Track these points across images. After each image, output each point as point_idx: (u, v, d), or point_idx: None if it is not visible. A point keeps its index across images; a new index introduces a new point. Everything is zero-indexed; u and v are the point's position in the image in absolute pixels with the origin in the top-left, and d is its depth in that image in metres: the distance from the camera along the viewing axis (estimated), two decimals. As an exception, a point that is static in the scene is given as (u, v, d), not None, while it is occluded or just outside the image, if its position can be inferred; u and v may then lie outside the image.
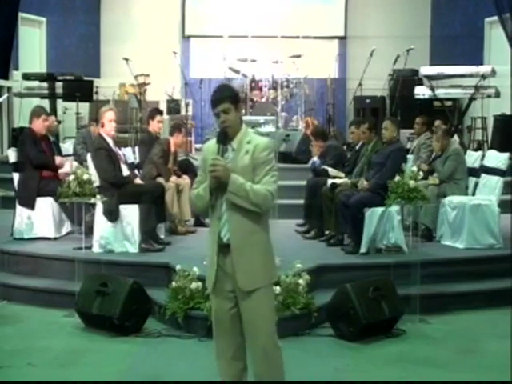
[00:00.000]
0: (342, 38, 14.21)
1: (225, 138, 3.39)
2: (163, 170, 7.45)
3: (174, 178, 7.50)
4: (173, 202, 7.35)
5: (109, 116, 6.76)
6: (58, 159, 7.33)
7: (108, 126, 6.74)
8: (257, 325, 3.40)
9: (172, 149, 7.68)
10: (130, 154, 7.89)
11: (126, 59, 11.19)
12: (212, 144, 3.48)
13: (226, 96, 3.44)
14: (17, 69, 11.46)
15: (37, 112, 7.37)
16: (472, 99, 10.18)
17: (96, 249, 6.57)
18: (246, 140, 3.41)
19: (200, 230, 7.62)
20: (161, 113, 8.19)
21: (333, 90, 12.86)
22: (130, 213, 6.64)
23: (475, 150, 9.68)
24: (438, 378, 4.55)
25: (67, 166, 7.26)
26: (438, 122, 9.21)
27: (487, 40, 12.00)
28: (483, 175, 7.35)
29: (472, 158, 7.63)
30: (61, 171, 7.21)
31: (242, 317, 3.43)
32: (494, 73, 9.89)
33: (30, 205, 7.05)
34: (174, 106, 12.32)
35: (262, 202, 3.30)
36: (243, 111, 12.40)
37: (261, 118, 11.40)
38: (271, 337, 3.45)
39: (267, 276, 3.46)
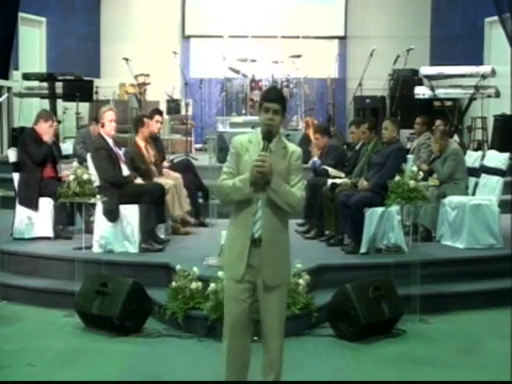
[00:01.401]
0: (342, 38, 14.20)
1: (270, 136, 3.52)
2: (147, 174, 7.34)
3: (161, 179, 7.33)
4: (173, 204, 7.32)
5: (109, 116, 6.76)
6: (63, 174, 7.23)
7: (108, 126, 6.74)
8: (274, 319, 3.62)
9: (142, 145, 7.46)
10: (129, 154, 7.86)
11: (126, 59, 11.21)
12: (245, 139, 3.61)
13: (283, 99, 3.60)
14: (17, 69, 11.46)
15: (45, 116, 7.33)
16: (472, 99, 10.19)
17: (96, 249, 6.57)
18: (282, 145, 3.59)
19: (200, 230, 7.63)
20: (160, 113, 8.17)
21: (333, 90, 12.87)
22: (130, 213, 6.64)
23: (475, 150, 9.68)
24: (438, 378, 4.55)
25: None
26: (438, 122, 9.20)
27: (487, 40, 12.00)
28: (483, 175, 7.35)
29: (472, 158, 7.63)
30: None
31: (260, 309, 3.62)
32: (493, 73, 9.90)
33: (33, 205, 7.03)
34: (173, 106, 12.34)
35: (296, 204, 3.54)
36: (243, 111, 12.45)
37: (261, 118, 11.37)
38: (282, 331, 3.68)
39: (287, 274, 3.75)
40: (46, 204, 7.05)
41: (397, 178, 5.85)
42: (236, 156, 3.57)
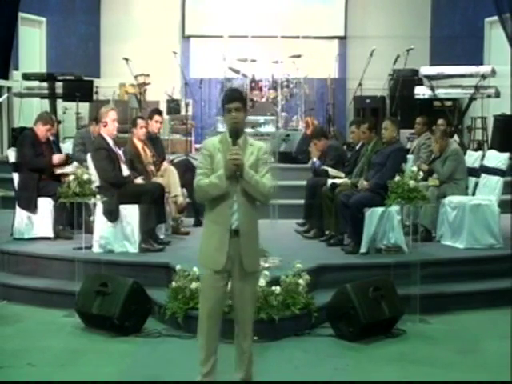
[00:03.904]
0: (342, 38, 14.20)
1: (237, 133, 3.83)
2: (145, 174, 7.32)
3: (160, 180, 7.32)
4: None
5: (112, 115, 6.77)
6: (55, 158, 7.28)
7: (111, 126, 6.74)
8: (249, 303, 3.96)
9: (139, 145, 7.43)
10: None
11: (126, 59, 11.20)
12: (215, 140, 3.94)
13: (241, 97, 3.95)
14: (17, 69, 11.46)
15: (45, 119, 7.35)
16: (472, 99, 10.18)
17: (96, 249, 6.57)
18: (249, 143, 3.92)
19: (200, 230, 7.59)
20: (160, 113, 8.17)
21: (333, 90, 12.86)
22: (130, 213, 6.64)
23: (475, 150, 9.68)
24: (438, 378, 4.55)
25: (70, 167, 7.20)
26: (441, 121, 9.18)
27: (487, 40, 12.00)
28: (483, 175, 7.35)
29: (472, 158, 7.63)
30: (60, 170, 7.20)
31: (235, 294, 3.93)
32: (493, 73, 9.90)
33: (32, 207, 7.04)
34: (173, 106, 12.33)
35: (267, 192, 3.85)
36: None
37: (261, 118, 11.39)
38: (254, 314, 4.10)
39: (260, 261, 4.10)
40: (46, 204, 7.06)
41: (397, 178, 5.85)
42: (209, 157, 3.87)
